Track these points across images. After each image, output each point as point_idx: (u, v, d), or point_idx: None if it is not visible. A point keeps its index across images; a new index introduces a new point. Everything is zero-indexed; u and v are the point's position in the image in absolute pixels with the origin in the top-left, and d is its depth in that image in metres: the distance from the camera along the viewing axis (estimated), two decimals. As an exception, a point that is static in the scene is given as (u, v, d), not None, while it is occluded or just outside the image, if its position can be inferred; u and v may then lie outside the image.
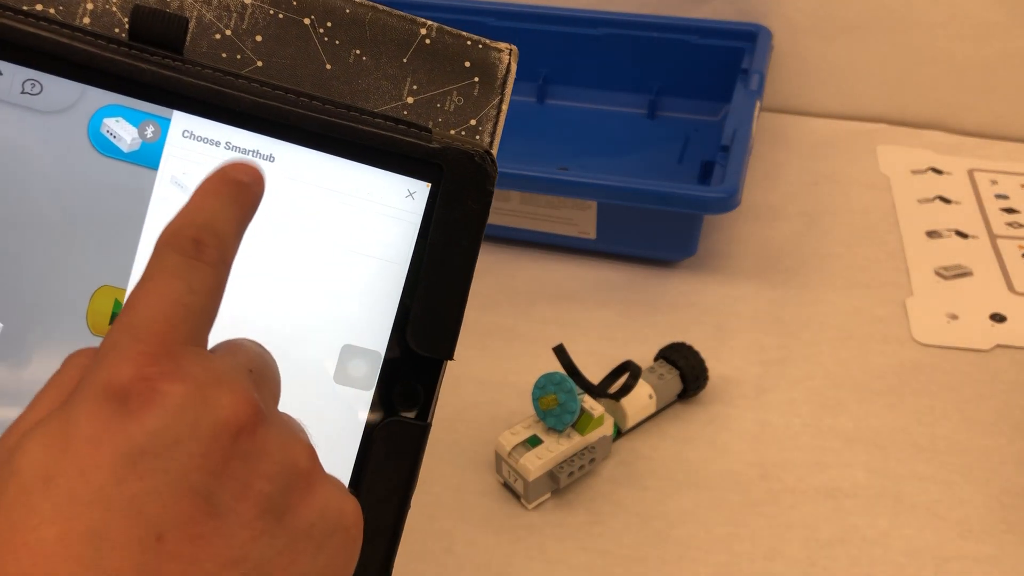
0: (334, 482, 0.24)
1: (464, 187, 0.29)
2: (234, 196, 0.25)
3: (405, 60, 0.32)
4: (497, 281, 0.68)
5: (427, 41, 0.32)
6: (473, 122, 0.32)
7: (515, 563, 0.48)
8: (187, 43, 0.30)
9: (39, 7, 0.31)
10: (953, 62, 0.82)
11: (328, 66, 0.31)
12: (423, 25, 0.32)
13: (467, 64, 0.32)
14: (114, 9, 0.31)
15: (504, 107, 0.33)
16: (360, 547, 0.24)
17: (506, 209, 0.68)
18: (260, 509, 0.22)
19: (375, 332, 0.30)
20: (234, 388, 0.22)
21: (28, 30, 0.28)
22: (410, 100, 0.32)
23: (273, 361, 0.26)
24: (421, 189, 0.30)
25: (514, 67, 0.33)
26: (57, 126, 0.29)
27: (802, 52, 0.85)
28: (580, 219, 0.67)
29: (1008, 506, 0.50)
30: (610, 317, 0.64)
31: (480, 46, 0.32)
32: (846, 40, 0.84)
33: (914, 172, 0.79)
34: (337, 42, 0.31)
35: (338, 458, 0.30)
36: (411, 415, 0.30)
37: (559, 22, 0.84)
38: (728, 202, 0.61)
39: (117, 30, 0.31)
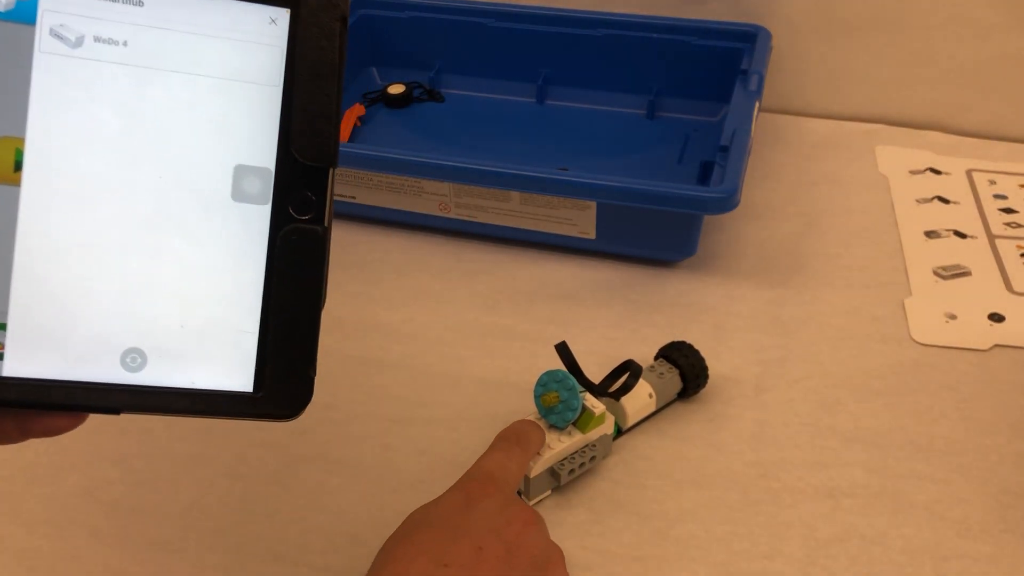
0: (561, 554, 0.44)
1: (319, 8, 0.33)
2: (535, 427, 0.50)
3: None
4: (497, 281, 0.68)
5: None
6: None
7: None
8: None
9: None
10: (952, 63, 0.83)
11: None
12: None
13: None
14: None
15: None
16: None
17: (506, 209, 0.68)
18: (525, 568, 0.41)
19: (263, 150, 0.33)
20: (524, 509, 0.43)
21: None
22: None
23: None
24: (282, 15, 0.33)
25: None
26: None
27: (801, 52, 0.85)
28: (580, 219, 0.67)
29: (1007, 505, 0.50)
30: (610, 317, 0.64)
31: None
32: (845, 40, 0.84)
33: (913, 172, 0.79)
34: None
35: (249, 270, 0.33)
36: (308, 221, 0.33)
37: (559, 22, 0.84)
38: (727, 202, 0.61)
39: None
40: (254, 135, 0.33)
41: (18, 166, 0.31)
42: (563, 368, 0.52)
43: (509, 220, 0.69)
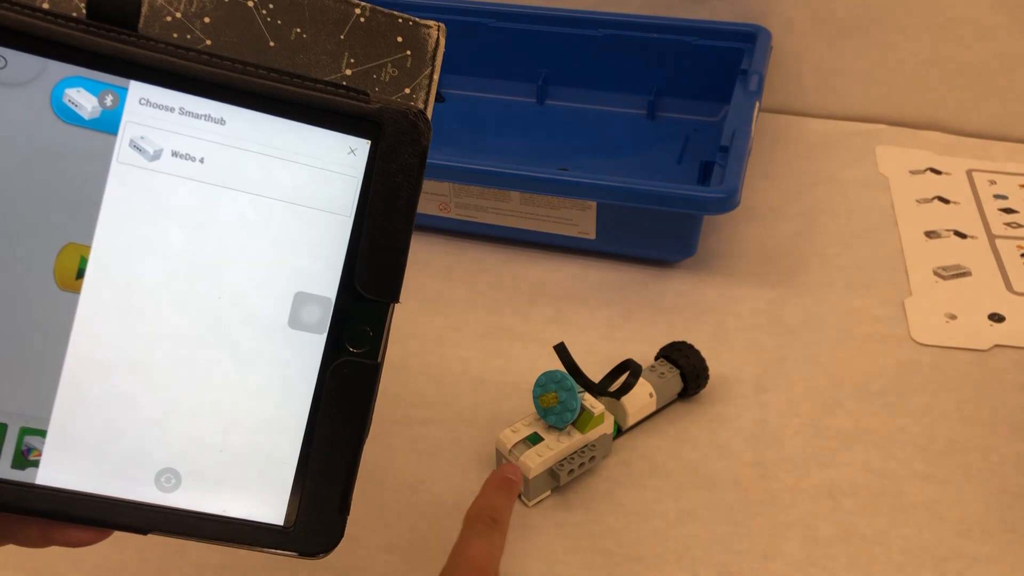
0: None
1: (400, 142, 0.32)
2: (506, 488, 0.46)
3: (342, 37, 0.35)
4: (497, 281, 0.68)
5: (362, 20, 0.35)
6: (407, 91, 0.35)
7: (515, 562, 0.48)
8: (140, 26, 0.33)
9: None
10: (952, 63, 0.83)
11: (272, 44, 0.34)
12: (357, 6, 0.35)
13: (399, 39, 0.35)
14: None
15: (435, 77, 0.36)
16: None
17: (506, 209, 0.68)
18: None
19: (326, 279, 0.32)
20: None
21: None
22: (348, 72, 0.35)
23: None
24: (362, 146, 0.32)
25: (443, 42, 0.36)
26: (22, 97, 0.30)
27: (802, 52, 0.85)
28: (580, 219, 0.67)
29: (1007, 505, 0.50)
30: (610, 317, 0.64)
31: (411, 23, 0.35)
32: (845, 41, 0.84)
33: (913, 172, 0.79)
34: (279, 22, 0.34)
35: (296, 400, 0.32)
36: (362, 355, 0.33)
37: (559, 22, 0.84)
38: (728, 202, 0.61)
39: (75, 13, 0.33)
40: (319, 263, 0.32)
41: (80, 274, 0.31)
42: (562, 369, 0.52)
43: (509, 220, 0.69)
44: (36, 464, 0.31)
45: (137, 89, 0.31)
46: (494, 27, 0.85)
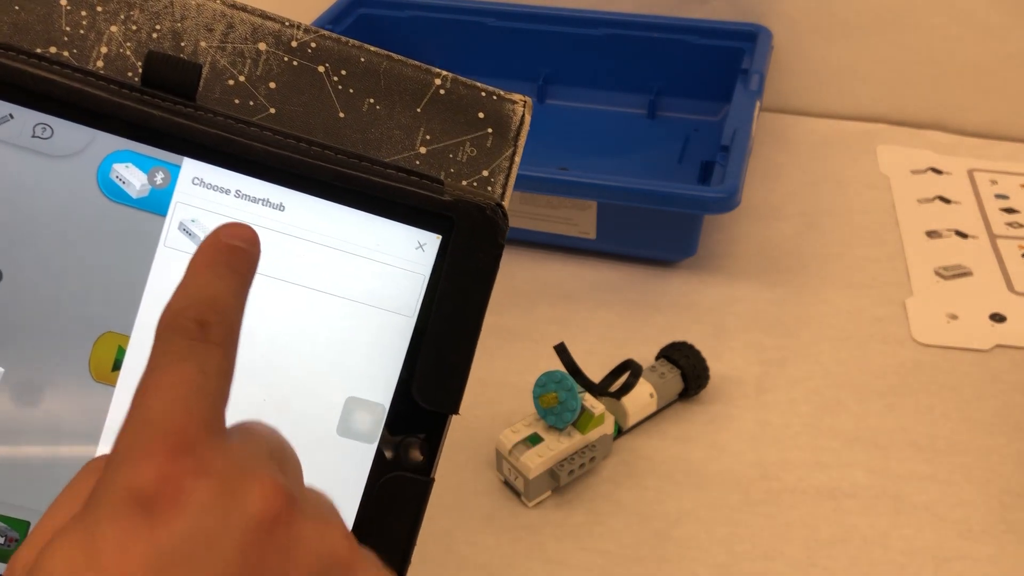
0: (373, 562, 0.23)
1: (475, 240, 0.29)
2: (231, 264, 0.23)
3: (419, 110, 0.32)
4: (497, 281, 0.67)
5: (441, 91, 0.32)
6: (485, 173, 0.32)
7: (515, 563, 0.48)
8: (200, 89, 0.30)
9: (53, 50, 0.30)
10: (953, 62, 0.83)
11: (341, 114, 0.31)
12: (438, 75, 0.32)
13: (481, 115, 0.32)
14: (128, 53, 0.31)
15: (517, 159, 0.33)
16: None
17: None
18: None
19: (381, 385, 0.30)
20: (261, 477, 0.21)
21: (40, 74, 0.27)
22: (423, 150, 0.32)
23: (287, 442, 0.24)
24: (431, 241, 0.30)
25: (528, 119, 0.33)
26: (67, 171, 0.28)
27: (802, 52, 0.85)
28: (580, 219, 0.67)
29: (1008, 506, 0.50)
30: (610, 317, 0.64)
31: (495, 97, 0.32)
32: (846, 40, 0.84)
33: (914, 172, 0.79)
34: (351, 91, 0.31)
35: (343, 513, 0.30)
36: (414, 470, 0.30)
37: (559, 22, 0.84)
38: (728, 202, 0.61)
39: (130, 74, 0.30)
40: (375, 367, 0.29)
41: (117, 365, 0.29)
42: (562, 369, 0.52)
43: (509, 220, 0.69)
44: None
45: (191, 167, 0.29)
46: (494, 27, 0.85)
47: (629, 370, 0.53)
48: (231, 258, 0.23)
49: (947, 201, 0.75)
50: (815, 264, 0.68)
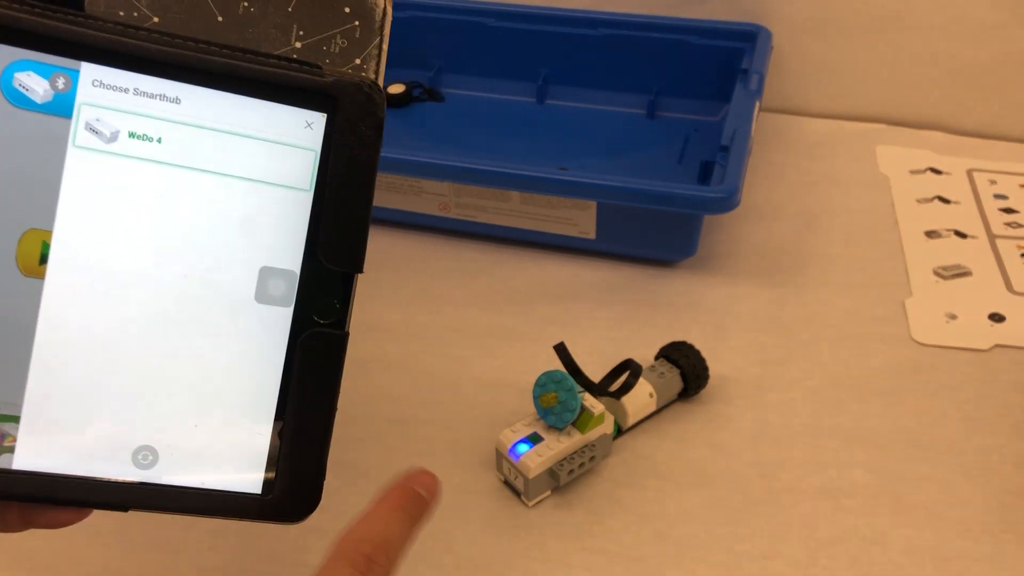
0: None
1: (357, 115, 0.32)
2: (409, 510, 0.30)
3: (290, 9, 0.35)
4: (497, 281, 0.68)
5: None
6: (358, 61, 0.35)
7: (515, 562, 0.48)
8: (85, 5, 0.33)
9: None
10: (953, 62, 0.83)
11: (220, 18, 0.34)
12: None
13: (347, 10, 0.35)
14: None
15: (384, 47, 0.36)
16: None
17: (506, 209, 0.68)
18: None
19: (290, 253, 0.33)
20: None
21: None
22: (298, 45, 0.35)
23: None
24: (318, 120, 0.33)
25: (390, 11, 0.36)
26: None
27: (802, 52, 0.85)
28: (580, 219, 0.67)
29: (1008, 506, 0.50)
30: (610, 317, 0.64)
31: None
32: (846, 40, 0.84)
33: (913, 172, 0.79)
34: None
35: (267, 372, 0.33)
36: (330, 326, 0.33)
37: (559, 22, 0.84)
38: (728, 202, 0.61)
39: None
40: (282, 238, 0.33)
41: (44, 259, 0.31)
42: (562, 369, 0.52)
43: (509, 220, 0.69)
44: (11, 450, 0.31)
45: (89, 71, 0.31)
46: (494, 27, 0.85)
47: (629, 370, 0.53)
48: (411, 504, 0.30)
49: (946, 201, 0.75)
50: (815, 264, 0.68)
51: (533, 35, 0.85)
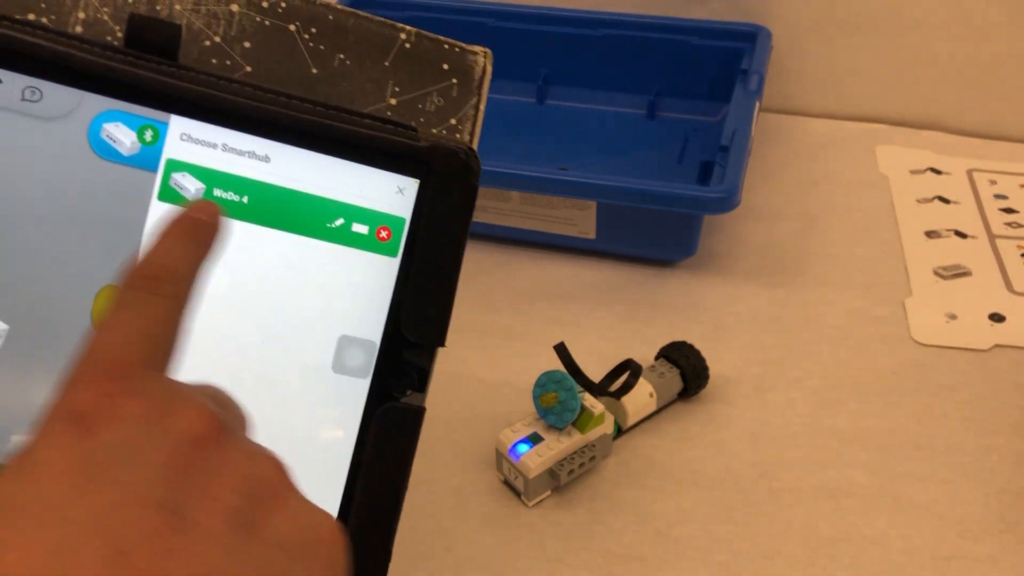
0: (305, 498, 0.24)
1: (451, 182, 0.31)
2: (192, 235, 0.25)
3: (387, 63, 0.33)
4: (497, 281, 0.68)
5: (407, 45, 0.33)
6: (453, 121, 0.34)
7: (515, 562, 0.48)
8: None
9: (32, 17, 0.31)
10: (953, 62, 0.83)
11: (314, 70, 0.33)
12: (402, 30, 0.33)
13: (445, 67, 0.34)
14: (105, 18, 0.32)
15: (482, 107, 0.34)
16: (341, 563, 0.23)
17: (506, 209, 0.68)
18: (229, 522, 0.21)
19: (371, 322, 0.31)
20: (193, 403, 0.22)
21: (27, 39, 0.28)
22: (393, 101, 0.33)
23: (237, 400, 0.26)
24: (410, 185, 0.31)
25: (489, 69, 0.34)
26: (58, 132, 0.29)
27: (802, 52, 0.85)
28: (580, 219, 0.67)
29: (1007, 505, 0.50)
30: (610, 317, 0.64)
31: (457, 50, 0.34)
32: (846, 40, 0.84)
33: (913, 172, 0.79)
34: (322, 47, 0.32)
35: (339, 443, 0.31)
36: (407, 400, 0.31)
37: (559, 22, 0.84)
38: (728, 202, 0.61)
39: (109, 38, 0.31)
40: (364, 306, 0.31)
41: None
42: (562, 369, 0.52)
43: (509, 220, 0.69)
44: None
45: (178, 124, 0.30)
46: (494, 27, 0.85)
47: (629, 370, 0.53)
48: (192, 229, 0.25)
49: (946, 201, 0.75)
50: (815, 264, 0.68)
51: (533, 35, 0.85)
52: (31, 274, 0.29)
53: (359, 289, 0.31)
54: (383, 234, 0.31)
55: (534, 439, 0.50)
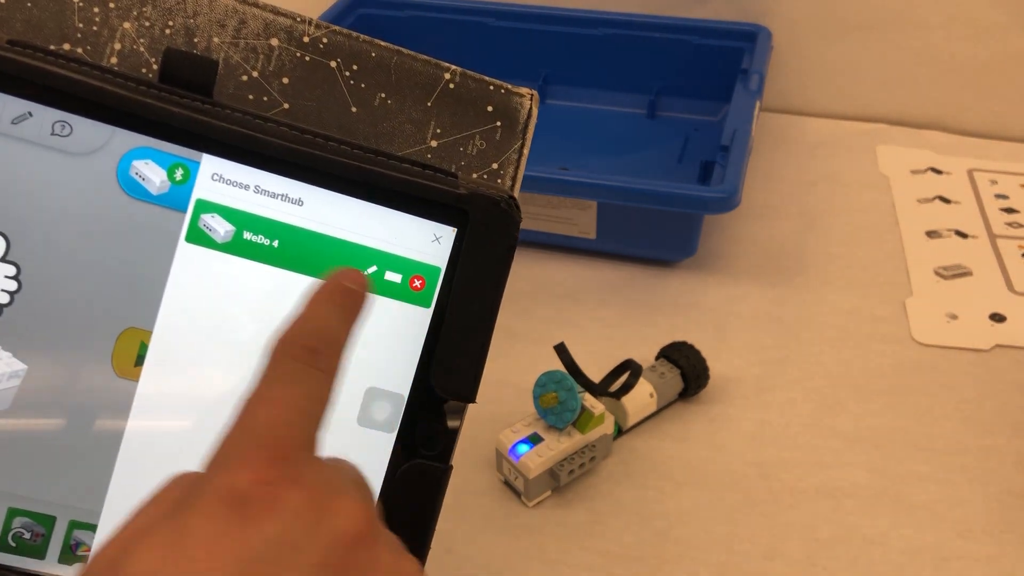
0: None
1: (490, 232, 0.30)
2: (343, 303, 0.26)
3: (429, 104, 0.32)
4: (497, 281, 0.67)
5: (451, 86, 0.32)
6: (495, 166, 0.32)
7: (515, 562, 0.48)
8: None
9: (67, 47, 0.30)
10: (953, 62, 0.83)
11: (354, 109, 0.32)
12: (447, 70, 0.32)
13: (490, 109, 0.33)
14: (142, 50, 0.31)
15: (526, 151, 0.33)
16: None
17: (506, 209, 0.68)
18: None
19: (399, 375, 0.30)
20: (351, 498, 0.22)
21: (58, 72, 0.27)
22: (434, 143, 0.32)
23: (367, 479, 0.26)
24: (447, 234, 0.30)
25: (535, 112, 0.33)
26: (86, 168, 0.28)
27: (802, 52, 0.85)
28: (580, 219, 0.67)
29: (1008, 506, 0.50)
30: (610, 317, 0.64)
31: (503, 91, 0.33)
32: (846, 40, 0.84)
33: (914, 172, 0.79)
34: (363, 85, 0.32)
35: None
36: (433, 457, 0.30)
37: (559, 22, 0.84)
38: (728, 202, 0.61)
39: (144, 70, 0.30)
40: (393, 357, 0.30)
41: (140, 360, 0.29)
42: (562, 369, 0.52)
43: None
44: (84, 560, 0.29)
45: (210, 163, 0.29)
46: (494, 27, 0.85)
47: (629, 370, 0.53)
48: (343, 298, 0.26)
49: (947, 201, 0.75)
50: (815, 264, 0.68)
51: (533, 35, 0.85)
52: (53, 313, 0.29)
53: (389, 340, 0.30)
54: (417, 283, 0.30)
55: (534, 439, 0.50)
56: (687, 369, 0.56)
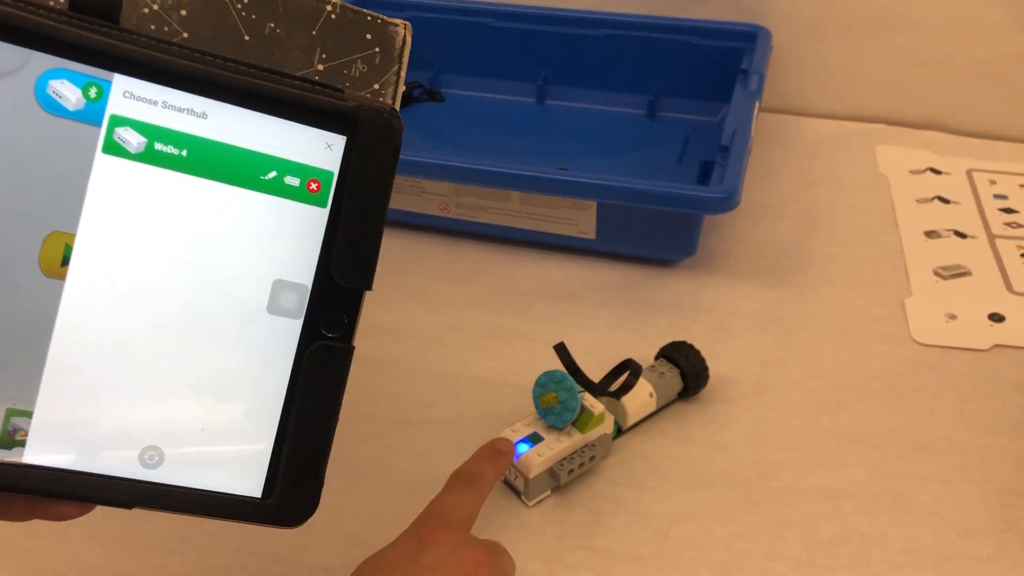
0: None
1: (376, 139, 0.34)
2: (494, 459, 0.46)
3: (314, 33, 0.35)
4: (497, 281, 0.68)
5: (332, 16, 0.36)
6: (377, 86, 0.36)
7: (515, 562, 0.48)
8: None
9: None
10: (952, 63, 0.83)
11: (247, 37, 0.35)
12: (328, 2, 0.36)
13: (368, 37, 0.36)
14: None
15: (402, 74, 0.37)
16: None
17: (506, 209, 0.68)
18: None
19: (303, 267, 0.34)
20: (478, 547, 0.41)
21: None
22: (320, 67, 0.36)
23: (510, 557, 0.45)
24: (338, 142, 0.34)
25: (409, 39, 0.37)
26: (5, 88, 0.31)
27: (802, 52, 0.85)
28: (580, 219, 0.67)
29: (1007, 505, 0.50)
30: (610, 317, 0.64)
31: (379, 21, 0.37)
32: (845, 40, 0.84)
33: (913, 172, 0.79)
34: (253, 16, 0.35)
35: (273, 381, 0.34)
36: (337, 339, 0.34)
37: (559, 22, 0.84)
38: (728, 202, 0.61)
39: (52, 2, 0.33)
40: (296, 252, 0.34)
41: (65, 261, 0.32)
42: (562, 369, 0.52)
43: (509, 220, 0.69)
44: (23, 444, 0.32)
45: (121, 82, 0.32)
46: (494, 27, 0.85)
47: (629, 370, 0.53)
48: (495, 456, 0.46)
49: (946, 201, 0.75)
50: (814, 264, 0.68)
51: (533, 35, 0.85)
52: None
53: (291, 236, 0.34)
54: (313, 186, 0.34)
55: (534, 439, 0.50)
56: (687, 369, 0.56)
